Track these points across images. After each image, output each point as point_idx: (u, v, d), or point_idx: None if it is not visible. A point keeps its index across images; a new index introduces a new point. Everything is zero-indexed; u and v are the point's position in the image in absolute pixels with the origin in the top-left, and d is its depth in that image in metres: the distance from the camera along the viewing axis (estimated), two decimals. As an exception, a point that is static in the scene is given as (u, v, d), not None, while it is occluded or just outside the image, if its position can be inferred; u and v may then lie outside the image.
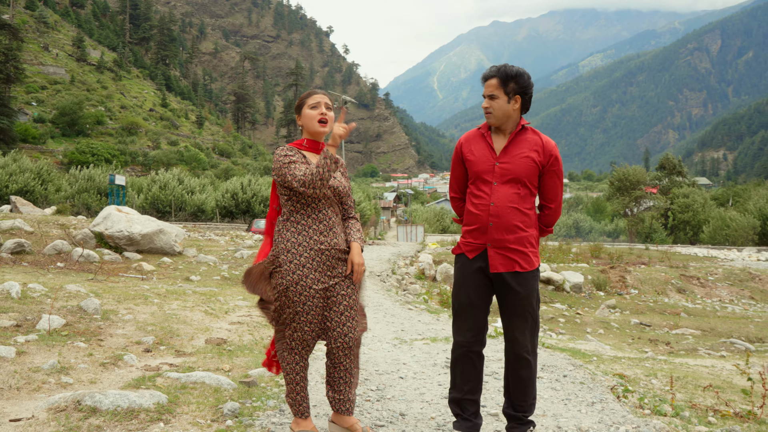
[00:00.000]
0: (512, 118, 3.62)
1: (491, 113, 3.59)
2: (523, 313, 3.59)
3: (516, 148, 3.61)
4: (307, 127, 3.51)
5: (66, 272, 10.89)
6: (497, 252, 3.57)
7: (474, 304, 3.64)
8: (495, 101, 3.57)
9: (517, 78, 3.58)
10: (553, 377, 5.19)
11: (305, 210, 3.39)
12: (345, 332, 3.42)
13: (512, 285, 3.56)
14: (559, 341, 8.63)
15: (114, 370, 4.46)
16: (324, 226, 3.41)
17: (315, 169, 3.26)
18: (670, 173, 53.79)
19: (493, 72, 3.64)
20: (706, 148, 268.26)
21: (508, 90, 3.57)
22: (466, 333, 3.67)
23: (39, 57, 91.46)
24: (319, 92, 3.58)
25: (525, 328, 3.60)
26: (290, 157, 3.37)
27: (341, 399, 3.48)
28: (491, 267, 3.58)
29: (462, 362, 3.70)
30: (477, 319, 3.65)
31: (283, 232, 3.41)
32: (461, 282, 3.70)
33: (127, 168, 65.98)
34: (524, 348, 3.59)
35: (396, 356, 5.79)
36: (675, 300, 17.46)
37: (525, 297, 3.56)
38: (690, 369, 6.71)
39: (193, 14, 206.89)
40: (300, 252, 3.35)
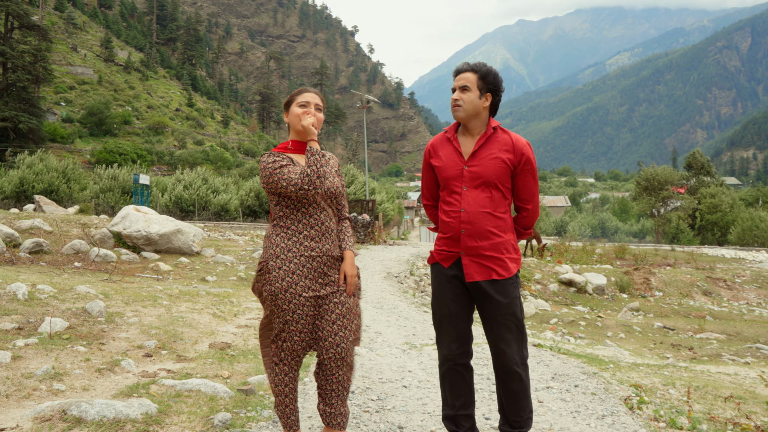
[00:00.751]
0: (481, 116, 3.46)
1: (461, 106, 3.41)
2: (506, 323, 3.39)
3: (485, 150, 3.43)
4: (293, 125, 3.36)
5: (82, 272, 10.89)
6: (472, 260, 3.40)
7: (454, 315, 3.46)
8: (466, 93, 3.41)
9: (491, 75, 3.46)
10: (563, 387, 4.98)
11: (295, 215, 3.24)
12: (337, 342, 3.25)
13: (491, 294, 3.37)
14: (577, 346, 8.41)
15: (109, 377, 4.36)
16: (316, 231, 3.25)
17: (308, 169, 3.13)
18: (697, 173, 52.94)
19: (466, 67, 3.49)
20: (735, 147, 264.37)
21: (480, 85, 3.43)
22: (450, 345, 3.50)
23: (67, 57, 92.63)
24: (310, 91, 3.42)
25: (510, 339, 3.39)
26: (279, 162, 3.21)
27: (333, 413, 3.31)
28: (466, 276, 3.40)
29: (450, 377, 3.53)
30: (460, 330, 3.47)
31: (273, 237, 3.27)
32: (438, 292, 3.53)
33: (153, 167, 66.56)
34: (512, 360, 3.40)
35: (402, 363, 5.62)
36: (700, 303, 17.08)
37: (506, 306, 3.36)
38: (711, 377, 6.47)
39: (219, 15, 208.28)
40: (290, 258, 3.20)
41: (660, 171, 51.98)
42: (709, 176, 53.14)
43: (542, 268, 18.11)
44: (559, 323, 12.54)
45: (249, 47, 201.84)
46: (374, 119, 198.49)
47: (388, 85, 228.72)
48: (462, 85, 3.43)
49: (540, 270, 17.83)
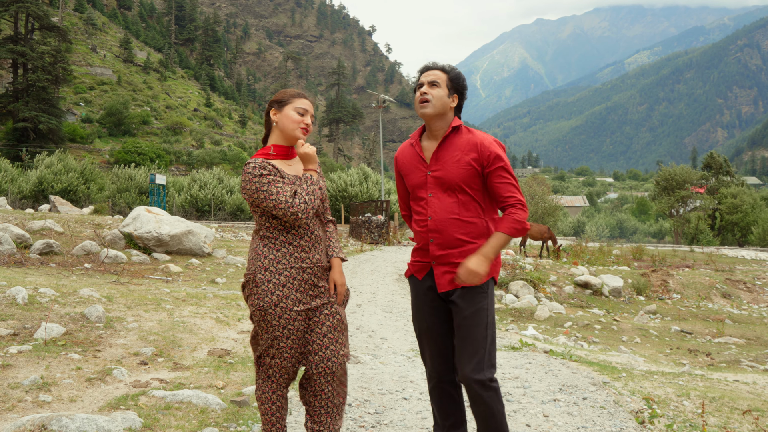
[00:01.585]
0: (447, 117, 3.26)
1: (429, 101, 3.20)
2: (466, 336, 3.12)
3: (448, 153, 3.22)
4: (284, 128, 3.15)
5: (91, 274, 10.84)
6: (443, 270, 3.18)
7: (433, 329, 3.26)
8: (436, 89, 3.22)
9: (460, 79, 3.31)
10: (571, 400, 4.78)
11: (283, 225, 3.05)
12: (328, 356, 3.07)
13: (458, 303, 3.15)
14: (590, 352, 8.20)
15: (99, 387, 4.24)
16: (306, 241, 3.08)
17: (304, 197, 2.96)
18: (717, 172, 52.27)
19: (436, 65, 3.33)
20: (756, 146, 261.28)
21: (450, 86, 3.25)
22: (432, 362, 3.30)
23: (87, 58, 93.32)
24: (307, 97, 3.23)
25: (472, 355, 3.11)
26: (267, 177, 3.00)
27: (324, 431, 3.13)
28: (438, 286, 3.19)
29: (437, 395, 3.32)
30: (440, 345, 3.26)
31: (260, 248, 3.07)
32: (416, 306, 3.33)
33: (171, 167, 66.85)
34: (469, 379, 3.09)
35: (405, 372, 5.45)
36: (719, 305, 16.76)
37: (469, 317, 3.11)
38: (728, 387, 6.24)
39: (237, 15, 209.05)
40: (279, 270, 3.01)
41: (678, 170, 51.43)
42: (729, 176, 52.43)
43: (558, 270, 17.86)
44: (574, 327, 12.31)
45: (267, 47, 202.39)
46: (391, 119, 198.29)
47: (405, 85, 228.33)
48: (431, 80, 3.24)
49: (555, 272, 17.58)
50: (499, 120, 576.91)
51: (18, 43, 57.89)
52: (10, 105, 58.41)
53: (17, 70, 59.69)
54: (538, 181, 51.95)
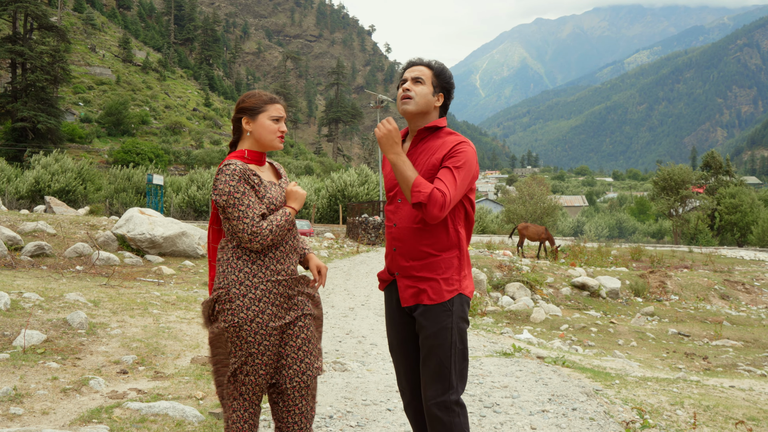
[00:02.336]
0: (430, 116, 3.05)
1: (411, 98, 2.99)
2: (429, 356, 2.91)
3: (421, 155, 3.00)
4: (260, 137, 2.99)
5: (81, 277, 10.72)
6: (405, 282, 2.98)
7: (403, 345, 3.07)
8: (419, 86, 3.01)
9: (446, 75, 3.09)
10: (560, 411, 4.65)
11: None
12: (303, 369, 2.92)
13: (420, 321, 2.94)
14: (584, 357, 8.09)
15: (74, 398, 4.11)
16: (281, 252, 2.94)
17: (275, 228, 2.84)
18: (716, 172, 52.16)
19: (421, 61, 3.11)
20: (756, 146, 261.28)
21: (435, 83, 3.04)
22: (403, 378, 3.12)
23: (86, 58, 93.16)
24: (280, 101, 3.08)
25: (433, 376, 2.90)
26: (245, 185, 2.86)
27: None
28: (402, 300, 2.99)
29: (411, 413, 3.14)
30: (412, 361, 3.06)
31: (233, 260, 2.89)
32: (386, 320, 3.16)
33: (170, 167, 66.74)
34: (432, 402, 2.87)
35: (392, 381, 5.30)
36: (718, 307, 16.66)
37: (431, 336, 2.89)
38: (723, 394, 6.12)
39: (236, 15, 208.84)
40: (255, 284, 2.85)
41: (677, 170, 51.33)
42: (728, 175, 52.32)
43: (555, 271, 17.75)
44: (570, 330, 12.21)
45: (266, 47, 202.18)
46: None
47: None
48: (415, 77, 3.03)
49: (552, 273, 17.47)
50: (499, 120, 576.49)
51: (17, 43, 57.76)
52: (8, 105, 58.31)
53: (16, 70, 59.58)
54: (538, 181, 51.86)
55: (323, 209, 39.84)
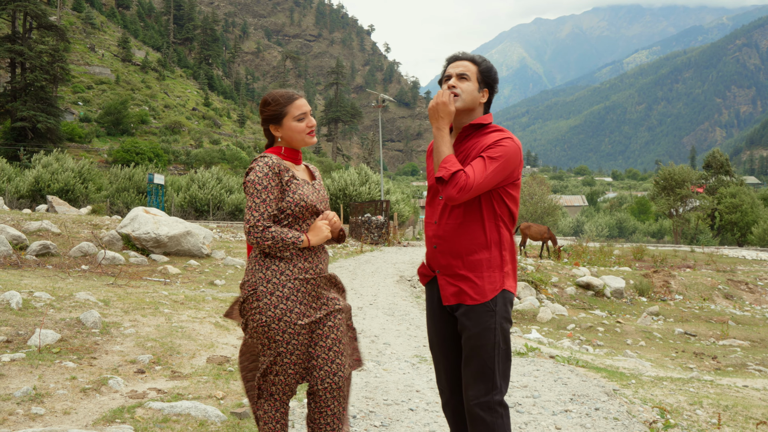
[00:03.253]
0: (474, 113, 2.99)
1: (458, 94, 2.93)
2: (472, 356, 2.87)
3: (464, 152, 2.95)
4: (292, 140, 3.00)
5: (88, 276, 10.68)
6: (447, 280, 2.93)
7: (443, 343, 3.03)
8: (466, 82, 2.95)
9: (492, 71, 3.03)
10: (583, 411, 4.62)
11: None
12: (334, 371, 2.89)
13: (463, 321, 2.89)
14: (596, 357, 8.05)
15: (94, 398, 4.07)
16: (309, 251, 2.92)
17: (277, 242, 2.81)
18: (717, 172, 52.16)
19: (466, 56, 3.06)
20: (755, 146, 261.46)
21: (480, 79, 2.99)
22: (441, 378, 3.09)
23: (85, 57, 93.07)
24: (300, 96, 3.04)
25: (476, 377, 2.85)
26: (270, 181, 2.86)
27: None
28: (443, 299, 2.94)
29: (449, 411, 3.10)
30: (452, 359, 3.02)
31: (261, 258, 2.89)
32: (428, 315, 3.11)
33: (170, 167, 66.67)
34: (475, 402, 2.84)
35: (410, 381, 5.28)
36: (722, 307, 16.64)
37: (474, 336, 2.85)
38: (740, 394, 6.09)
39: (235, 14, 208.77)
40: (283, 282, 2.83)
41: (678, 170, 51.33)
42: (728, 175, 52.32)
43: (559, 271, 17.72)
44: (577, 329, 12.17)
45: (265, 47, 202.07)
46: (390, 118, 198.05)
47: (404, 84, 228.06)
48: (461, 73, 2.97)
49: (557, 273, 17.44)
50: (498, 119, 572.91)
51: (16, 42, 57.63)
52: (8, 104, 58.18)
53: (15, 70, 59.46)
54: (538, 181, 51.84)
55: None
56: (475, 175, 2.77)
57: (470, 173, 2.77)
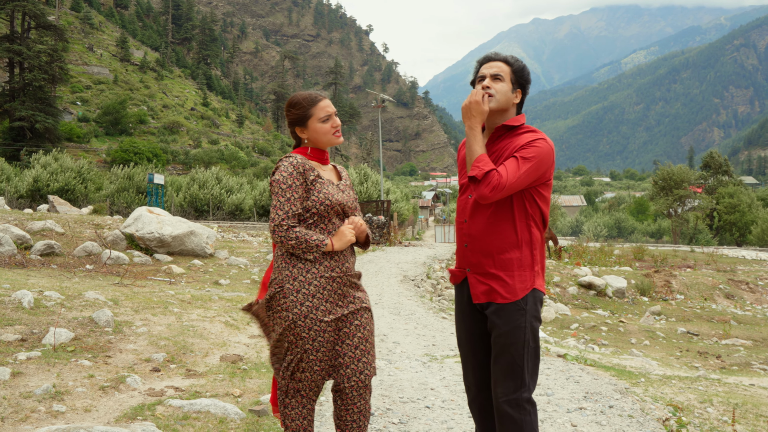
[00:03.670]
0: (507, 114, 3.02)
1: (492, 94, 2.95)
2: (501, 354, 2.89)
3: (496, 153, 2.97)
4: (318, 142, 3.03)
5: (93, 275, 10.69)
6: (477, 278, 2.96)
7: (471, 341, 3.06)
8: (499, 83, 2.97)
9: (525, 72, 3.06)
10: (597, 408, 4.66)
11: (313, 231, 2.93)
12: (360, 369, 2.94)
13: (493, 319, 2.91)
14: (602, 356, 8.09)
15: (113, 396, 4.10)
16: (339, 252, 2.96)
17: (300, 242, 2.84)
18: (715, 172, 52.26)
19: (500, 57, 3.09)
20: (752, 146, 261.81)
21: (513, 79, 3.01)
22: (470, 374, 3.11)
23: (84, 57, 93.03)
24: (324, 98, 3.07)
25: (506, 375, 2.88)
26: (295, 181, 2.89)
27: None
28: (473, 297, 2.97)
29: (475, 409, 3.13)
30: (480, 357, 3.05)
31: (287, 256, 2.92)
32: (456, 315, 3.14)
33: (168, 167, 66.70)
34: (504, 399, 2.86)
35: (424, 379, 5.32)
36: (723, 306, 16.69)
37: (504, 335, 2.87)
38: (748, 392, 6.13)
39: (234, 14, 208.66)
40: (309, 280, 2.87)
41: (676, 170, 51.40)
42: (727, 176, 52.43)
43: (561, 271, 17.76)
44: (580, 329, 12.22)
45: (264, 47, 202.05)
46: (388, 118, 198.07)
47: (402, 84, 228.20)
48: (495, 74, 3.00)
49: (558, 272, 17.48)
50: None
51: (14, 42, 57.57)
52: (6, 104, 58.14)
53: (13, 69, 59.41)
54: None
55: (324, 208, 39.81)
56: (508, 175, 2.80)
57: (503, 173, 2.80)
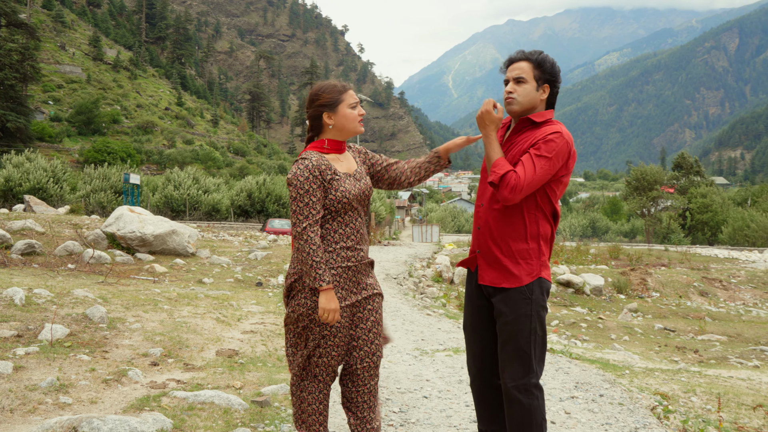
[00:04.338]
0: (537, 110, 3.09)
1: (514, 98, 3.05)
2: (507, 342, 3.00)
3: (517, 145, 3.06)
4: (343, 127, 3.08)
5: (76, 274, 10.65)
6: (485, 261, 3.08)
7: (475, 327, 3.18)
8: (522, 86, 3.05)
9: (548, 64, 3.08)
10: (589, 397, 4.81)
11: (331, 224, 3.01)
12: (373, 351, 3.06)
13: (500, 307, 3.02)
14: (586, 350, 8.27)
15: (117, 388, 4.16)
16: (352, 240, 3.04)
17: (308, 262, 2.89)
18: (687, 173, 53.11)
19: (521, 55, 3.13)
20: (723, 147, 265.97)
21: (537, 76, 3.06)
22: (470, 359, 3.23)
23: (56, 56, 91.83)
24: (350, 85, 3.15)
25: (512, 362, 2.99)
26: (314, 183, 2.94)
27: (368, 427, 3.06)
28: (479, 278, 3.09)
29: (474, 392, 3.26)
30: (482, 344, 3.17)
31: None
32: (466, 300, 3.26)
33: (143, 167, 66.10)
34: (512, 384, 2.98)
35: (418, 371, 5.44)
36: (698, 303, 17.03)
37: (511, 322, 2.98)
38: (728, 383, 6.33)
39: (208, 13, 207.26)
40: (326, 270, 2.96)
41: (649, 170, 52.08)
42: (699, 176, 53.29)
43: (540, 269, 17.98)
44: (561, 325, 12.42)
45: (239, 46, 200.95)
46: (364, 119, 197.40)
47: (378, 85, 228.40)
48: (517, 76, 3.08)
49: (537, 271, 17.70)
50: (471, 120, 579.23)
51: (-15, 40, 56.82)
52: (-23, 103, 57.34)
53: (-16, 68, 58.58)
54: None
55: (302, 208, 39.70)
56: (525, 175, 2.89)
57: (520, 173, 2.90)
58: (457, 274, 15.87)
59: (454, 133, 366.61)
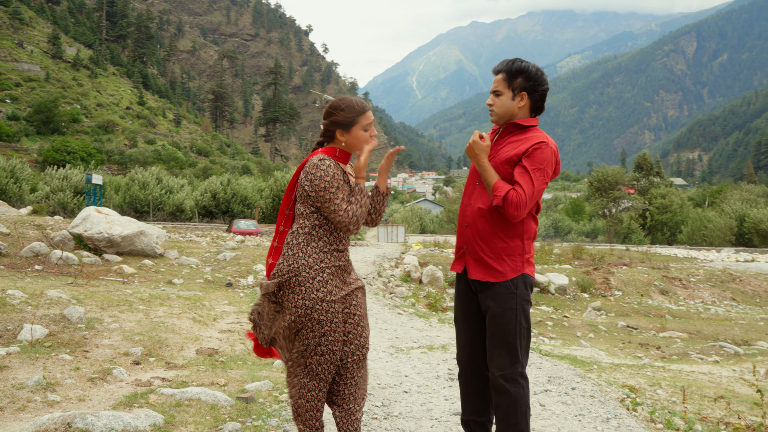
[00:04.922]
0: (518, 117, 3.26)
1: (493, 110, 3.28)
2: (495, 335, 3.18)
3: (505, 148, 3.24)
4: (352, 147, 3.19)
5: (44, 276, 10.56)
6: (471, 257, 3.27)
7: (464, 320, 3.36)
8: (498, 98, 3.25)
9: (525, 73, 3.23)
10: (561, 390, 5.01)
11: (329, 226, 3.12)
12: (362, 343, 3.19)
13: (487, 302, 3.20)
14: (554, 347, 8.49)
15: (103, 386, 4.21)
16: (343, 244, 3.19)
17: (359, 210, 3.10)
18: (647, 173, 54.09)
19: (500, 67, 3.31)
20: (681, 148, 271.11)
21: (513, 86, 3.22)
22: (460, 350, 3.42)
23: (13, 54, 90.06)
24: (370, 108, 3.25)
25: (500, 354, 3.17)
26: (339, 180, 3.07)
27: (352, 419, 3.16)
28: (468, 272, 3.27)
29: (462, 382, 3.44)
30: (470, 336, 3.35)
31: (304, 246, 3.10)
32: (455, 294, 3.45)
33: (103, 167, 65.19)
34: (499, 374, 3.15)
35: (396, 367, 5.58)
36: (658, 302, 17.46)
37: (497, 316, 3.16)
38: (690, 377, 6.59)
39: (170, 12, 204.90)
40: (323, 268, 3.07)
41: (611, 171, 52.88)
42: (658, 177, 54.33)
43: (506, 269, 18.23)
44: (528, 323, 12.66)
45: (201, 45, 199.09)
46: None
47: (342, 85, 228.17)
48: (494, 89, 3.29)
49: (504, 270, 17.95)
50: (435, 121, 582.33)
51: (-59, 37, 55.48)
52: (-69, 101, 55.97)
53: (-60, 65, 57.23)
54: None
55: (267, 209, 39.60)
56: (525, 190, 3.09)
57: (519, 190, 3.09)
58: (426, 274, 16.04)
59: (418, 134, 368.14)
